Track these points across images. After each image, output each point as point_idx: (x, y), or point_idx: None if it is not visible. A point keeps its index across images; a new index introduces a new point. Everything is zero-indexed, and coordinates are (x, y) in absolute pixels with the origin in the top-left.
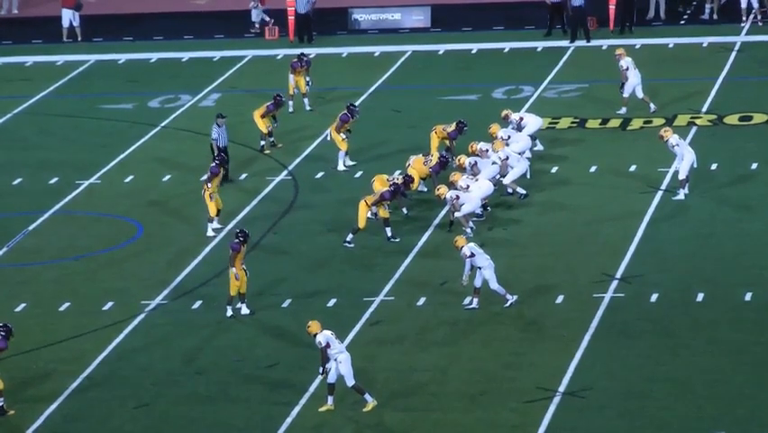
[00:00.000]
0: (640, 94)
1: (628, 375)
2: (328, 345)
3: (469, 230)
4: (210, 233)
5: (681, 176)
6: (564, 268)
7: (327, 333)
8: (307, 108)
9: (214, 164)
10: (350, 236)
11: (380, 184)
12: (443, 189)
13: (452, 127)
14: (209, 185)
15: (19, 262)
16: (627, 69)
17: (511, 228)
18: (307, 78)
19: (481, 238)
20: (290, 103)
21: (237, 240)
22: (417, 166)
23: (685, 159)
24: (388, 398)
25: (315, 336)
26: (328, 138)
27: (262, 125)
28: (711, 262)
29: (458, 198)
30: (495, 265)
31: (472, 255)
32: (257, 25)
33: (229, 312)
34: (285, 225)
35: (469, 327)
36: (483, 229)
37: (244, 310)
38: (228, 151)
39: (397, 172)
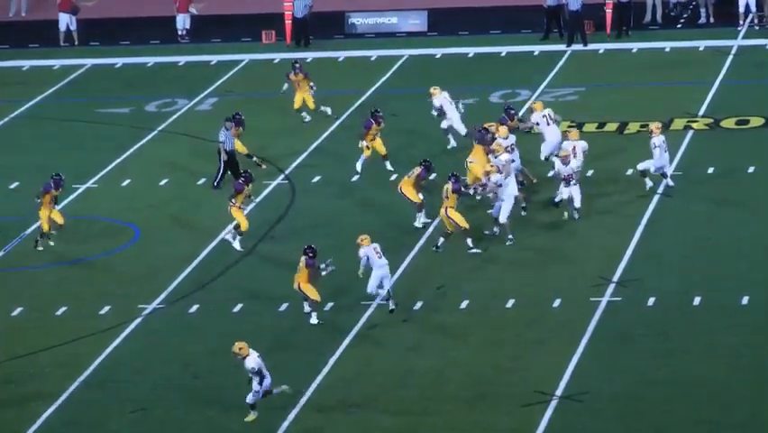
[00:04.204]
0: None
1: (626, 379)
2: (259, 371)
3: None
4: (238, 247)
5: (641, 168)
6: (561, 271)
7: (255, 356)
8: (329, 113)
9: (239, 181)
10: (469, 241)
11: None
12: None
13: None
14: (233, 201)
15: (17, 267)
16: (441, 106)
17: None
18: (311, 84)
19: (481, 241)
20: (304, 114)
21: (308, 256)
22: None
23: (656, 161)
24: (385, 402)
25: (244, 359)
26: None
27: (241, 148)
28: (708, 266)
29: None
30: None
31: (367, 257)
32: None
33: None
34: (281, 229)
35: (466, 331)
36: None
37: None
38: (235, 155)
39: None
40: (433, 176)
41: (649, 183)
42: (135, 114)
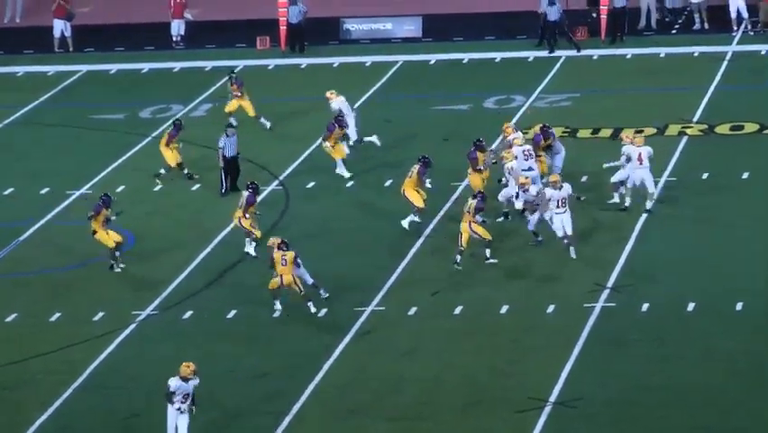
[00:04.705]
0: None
1: (620, 385)
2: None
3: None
4: (252, 252)
5: (615, 179)
6: (556, 277)
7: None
8: (267, 126)
9: (250, 192)
10: (488, 252)
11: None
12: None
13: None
14: (246, 215)
15: (10, 273)
16: (340, 110)
17: (506, 240)
18: (243, 94)
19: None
20: (263, 121)
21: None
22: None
23: (627, 170)
24: (379, 408)
25: (186, 380)
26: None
27: (170, 157)
28: (702, 272)
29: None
30: None
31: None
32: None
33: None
34: (276, 235)
35: (460, 337)
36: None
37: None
38: (238, 161)
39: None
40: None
41: (627, 200)
42: (130, 120)
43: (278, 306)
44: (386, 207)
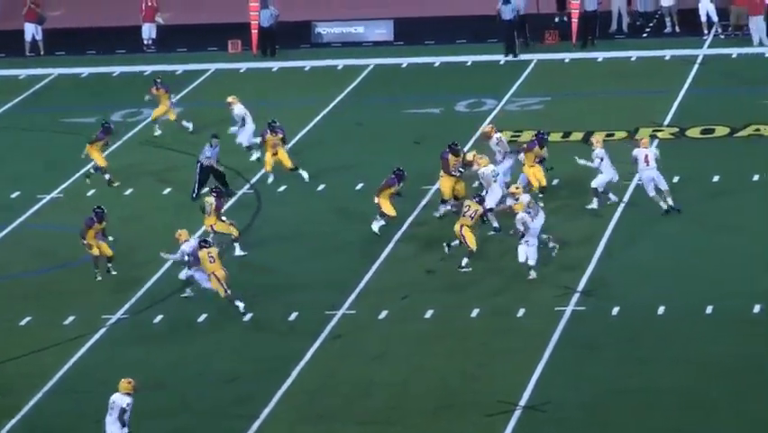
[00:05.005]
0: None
1: (589, 388)
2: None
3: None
4: (240, 252)
5: (595, 185)
6: (526, 281)
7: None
8: (190, 129)
9: (215, 195)
10: (465, 261)
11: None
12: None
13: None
14: (223, 218)
15: None
16: (245, 116)
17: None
18: (171, 98)
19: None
20: (186, 123)
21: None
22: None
23: (604, 173)
24: (349, 412)
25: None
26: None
27: (98, 158)
28: (672, 275)
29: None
30: None
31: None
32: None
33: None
34: (247, 239)
35: (431, 341)
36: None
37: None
38: (217, 169)
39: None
40: (400, 185)
41: (613, 198)
42: (101, 123)
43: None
44: (357, 210)
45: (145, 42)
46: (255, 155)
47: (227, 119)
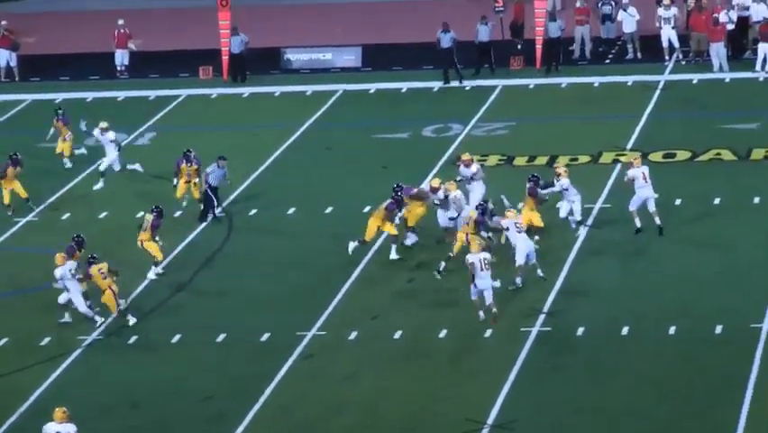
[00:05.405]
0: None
1: (555, 407)
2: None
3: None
4: (153, 276)
5: (579, 217)
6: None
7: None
8: (67, 166)
9: (154, 215)
10: (441, 265)
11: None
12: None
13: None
14: (157, 237)
15: None
16: (113, 141)
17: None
18: (69, 132)
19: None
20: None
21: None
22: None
23: (576, 201)
24: (320, 431)
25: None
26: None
27: (20, 191)
28: (636, 296)
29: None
30: None
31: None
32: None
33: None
34: (218, 261)
35: (400, 362)
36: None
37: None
38: (217, 191)
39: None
40: (399, 214)
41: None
42: (75, 148)
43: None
44: (327, 233)
45: (118, 69)
46: (100, 184)
47: (200, 143)
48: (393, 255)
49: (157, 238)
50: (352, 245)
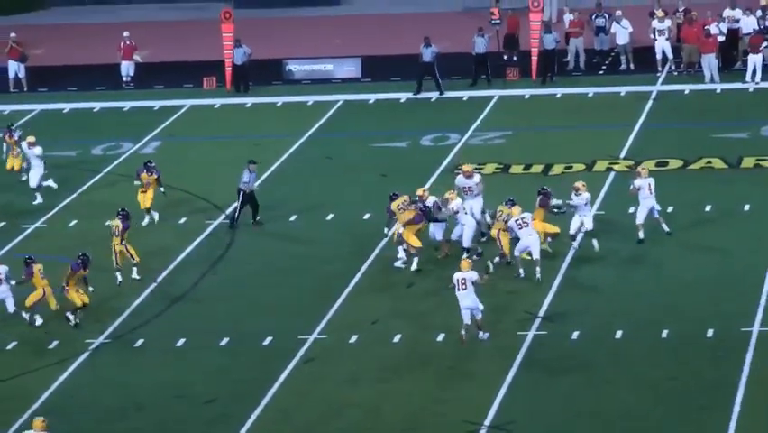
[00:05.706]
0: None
1: (551, 411)
2: None
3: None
4: (137, 276)
5: (590, 226)
6: (489, 307)
7: None
8: (23, 179)
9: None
10: (496, 260)
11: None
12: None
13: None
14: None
15: None
16: (39, 156)
17: (438, 269)
18: (20, 148)
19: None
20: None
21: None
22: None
23: (588, 216)
24: (323, 432)
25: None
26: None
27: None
28: (630, 301)
29: None
30: None
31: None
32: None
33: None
34: (222, 266)
35: (400, 365)
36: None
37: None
38: (255, 195)
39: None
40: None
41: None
42: (82, 156)
43: (39, 320)
44: (327, 239)
45: (124, 79)
46: (39, 199)
47: (203, 152)
48: (414, 266)
49: (124, 242)
50: (411, 262)
